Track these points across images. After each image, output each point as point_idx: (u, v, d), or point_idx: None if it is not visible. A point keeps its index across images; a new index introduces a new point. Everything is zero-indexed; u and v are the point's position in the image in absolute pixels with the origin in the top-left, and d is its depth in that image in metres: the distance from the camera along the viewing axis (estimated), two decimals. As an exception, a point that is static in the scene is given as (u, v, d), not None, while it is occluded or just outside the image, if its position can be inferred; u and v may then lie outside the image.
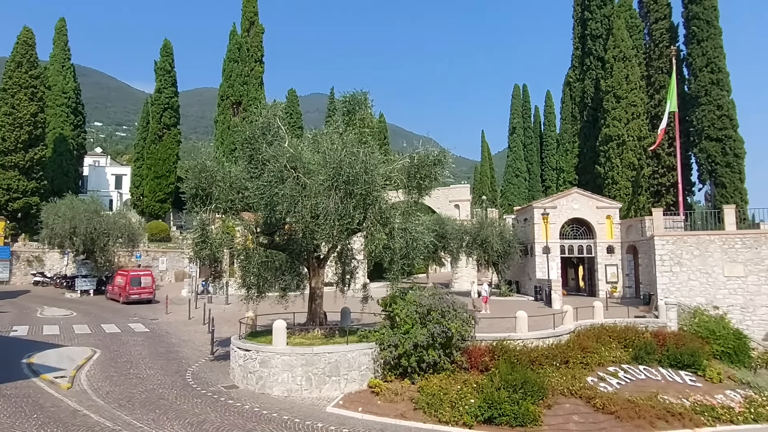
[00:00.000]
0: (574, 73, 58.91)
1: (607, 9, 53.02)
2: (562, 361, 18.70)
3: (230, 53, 61.12)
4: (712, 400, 17.69)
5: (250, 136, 17.82)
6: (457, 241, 35.50)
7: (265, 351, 16.91)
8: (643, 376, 19.14)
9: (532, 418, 14.92)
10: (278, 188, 15.60)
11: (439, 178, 18.34)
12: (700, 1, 42.95)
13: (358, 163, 15.21)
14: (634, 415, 15.84)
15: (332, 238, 16.10)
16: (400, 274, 17.35)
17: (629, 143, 45.30)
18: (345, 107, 19.69)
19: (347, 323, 20.73)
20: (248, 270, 19.06)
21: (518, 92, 79.15)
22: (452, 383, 16.28)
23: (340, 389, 16.65)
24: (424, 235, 16.84)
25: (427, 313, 16.96)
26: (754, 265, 28.20)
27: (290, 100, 69.60)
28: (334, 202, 15.13)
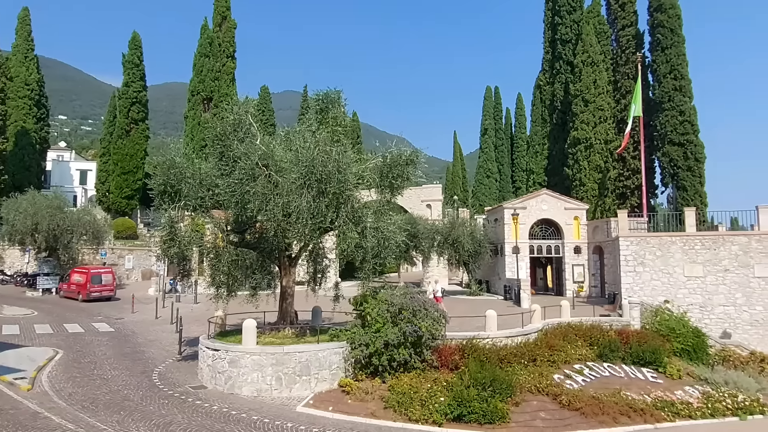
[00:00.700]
0: (545, 77, 60.00)
1: (577, 15, 54.22)
2: (530, 359, 19.06)
3: (201, 48, 60.07)
4: (672, 396, 18.30)
5: (221, 133, 17.58)
6: (428, 240, 35.73)
7: (234, 350, 16.71)
8: (607, 373, 19.66)
9: (500, 416, 15.16)
10: (249, 186, 15.43)
11: (411, 177, 18.43)
12: (665, 9, 44.30)
13: (330, 161, 15.18)
14: (598, 411, 16.26)
15: (304, 236, 16.04)
16: (372, 273, 17.40)
17: (596, 146, 46.42)
18: (318, 105, 19.61)
19: (318, 322, 20.66)
20: (218, 268, 18.80)
21: (490, 94, 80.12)
22: (423, 382, 16.40)
23: (311, 389, 16.59)
24: (395, 234, 16.92)
25: (399, 312, 17.05)
26: (712, 266, 29.29)
27: (263, 97, 68.79)
28: (306, 200, 15.07)
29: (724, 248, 29.30)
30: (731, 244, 29.28)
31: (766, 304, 28.15)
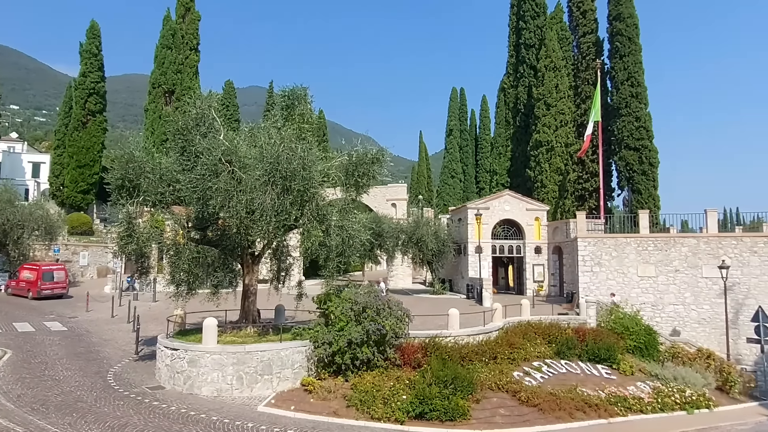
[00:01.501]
0: (509, 80, 61.11)
1: (540, 20, 55.44)
2: (491, 356, 19.42)
3: (163, 39, 58.46)
4: (625, 392, 19.00)
5: (182, 127, 17.21)
6: (393, 239, 35.89)
7: (194, 350, 16.39)
8: (564, 370, 20.23)
9: (461, 413, 15.40)
10: (212, 182, 15.17)
11: (376, 176, 18.47)
12: (623, 19, 45.82)
13: (296, 158, 15.07)
14: (555, 407, 16.73)
15: (268, 234, 15.87)
16: (336, 271, 17.36)
17: (557, 149, 47.64)
18: (284, 102, 19.37)
19: (281, 321, 20.48)
20: (178, 266, 18.39)
21: (456, 96, 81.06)
22: (385, 380, 16.49)
23: (273, 388, 16.43)
24: (360, 232, 16.94)
25: (362, 311, 17.08)
26: (664, 266, 30.54)
27: (227, 91, 67.55)
28: (270, 197, 14.91)
29: (674, 249, 30.58)
30: (681, 246, 30.58)
31: (713, 303, 29.51)
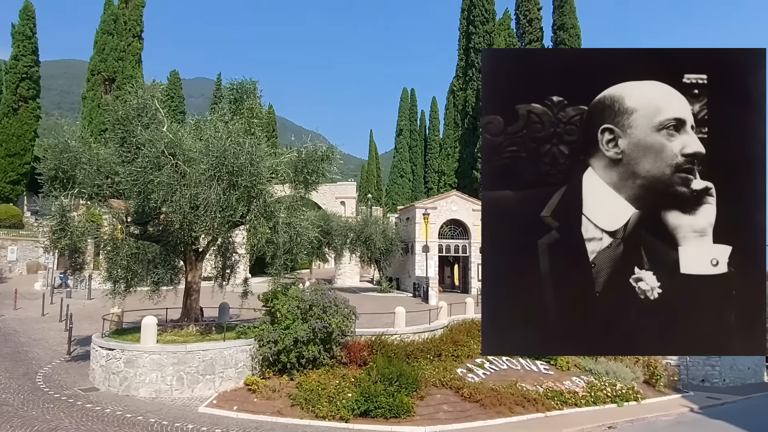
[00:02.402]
0: (458, 83, 62.32)
1: (489, 26, 56.87)
2: (436, 354, 19.78)
3: (104, 25, 55.70)
4: (561, 386, 19.84)
5: (123, 117, 16.54)
6: (341, 237, 35.84)
7: (131, 349, 15.77)
8: (505, 366, 20.89)
9: (405, 410, 15.61)
10: (154, 175, 14.66)
11: (326, 174, 18.44)
12: (567, 29, 47.78)
13: (243, 153, 14.80)
14: (496, 402, 17.26)
15: (212, 230, 15.51)
16: (283, 269, 17.21)
17: (504, 152, 49.05)
18: (232, 95, 19.02)
19: (225, 319, 20.04)
20: (115, 262, 17.62)
21: (406, 96, 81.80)
22: (331, 378, 16.48)
23: (215, 388, 16.06)
24: (308, 230, 16.85)
25: (309, 309, 16.99)
26: (601, 267, 32.06)
27: (172, 82, 65.17)
28: (215, 192, 14.57)
29: (610, 251, 32.15)
30: (616, 248, 32.19)
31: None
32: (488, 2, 57.17)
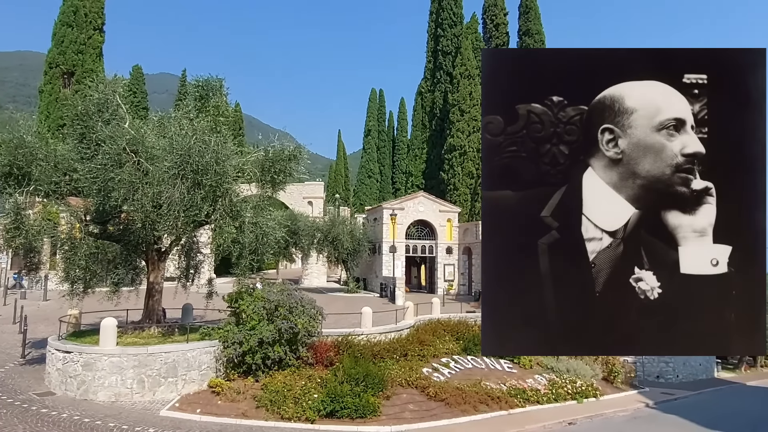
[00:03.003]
0: (426, 84, 62.79)
1: (457, 29, 57.53)
2: (402, 354, 19.91)
3: (63, 16, 53.71)
4: (524, 384, 20.27)
5: (83, 112, 16.06)
6: (308, 237, 35.59)
7: (90, 352, 15.29)
8: (470, 365, 21.19)
9: (371, 410, 15.66)
10: (114, 173, 14.28)
11: (293, 173, 18.32)
12: (532, 35, 48.86)
13: (209, 152, 14.57)
14: (461, 401, 17.50)
15: (176, 229, 15.20)
16: (249, 269, 17.00)
17: (470, 154, 49.72)
18: (198, 92, 18.70)
19: (189, 320, 19.65)
20: (73, 262, 17.04)
21: (375, 97, 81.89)
22: (297, 379, 16.38)
23: (178, 391, 15.74)
24: (275, 230, 16.71)
25: (275, 309, 16.84)
26: (563, 267, 32.89)
27: (135, 76, 63.38)
28: (179, 191, 14.29)
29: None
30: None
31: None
32: (456, 6, 57.84)
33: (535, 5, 50.87)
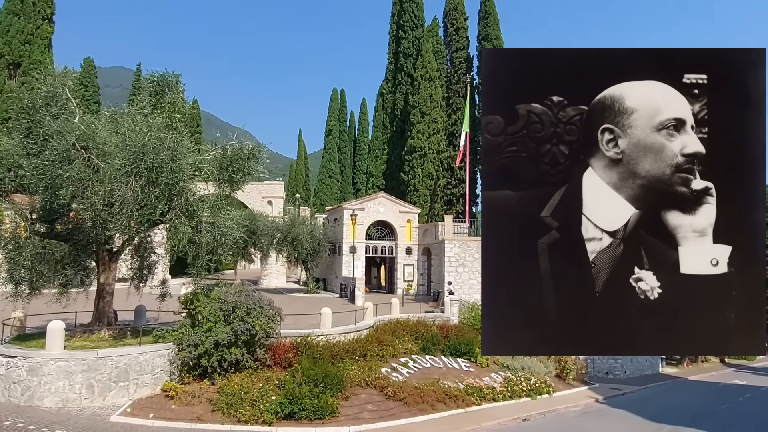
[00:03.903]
0: (387, 86, 63.07)
1: (418, 32, 58.04)
2: (362, 354, 19.96)
3: (10, 4, 51.05)
4: (481, 383, 20.69)
5: (29, 106, 15.37)
6: (268, 237, 35.12)
7: (35, 356, 14.64)
8: (428, 364, 21.46)
9: (330, 410, 15.64)
10: (63, 169, 13.75)
11: (252, 172, 18.09)
12: (491, 40, 49.88)
13: (164, 149, 14.22)
14: (419, 400, 17.70)
15: (129, 229, 14.78)
16: (206, 269, 16.67)
17: (430, 155, 50.26)
18: (153, 87, 18.21)
19: (142, 323, 19.07)
20: (18, 262, 16.26)
21: (336, 96, 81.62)
22: (254, 381, 16.18)
23: (129, 395, 15.28)
24: (233, 230, 16.46)
25: (232, 311, 16.56)
26: (519, 268, 33.70)
27: (86, 69, 60.89)
28: (133, 189, 13.89)
29: (527, 253, 33.88)
30: (533, 250, 33.97)
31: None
32: (417, 9, 58.35)
33: (494, 11, 51.92)
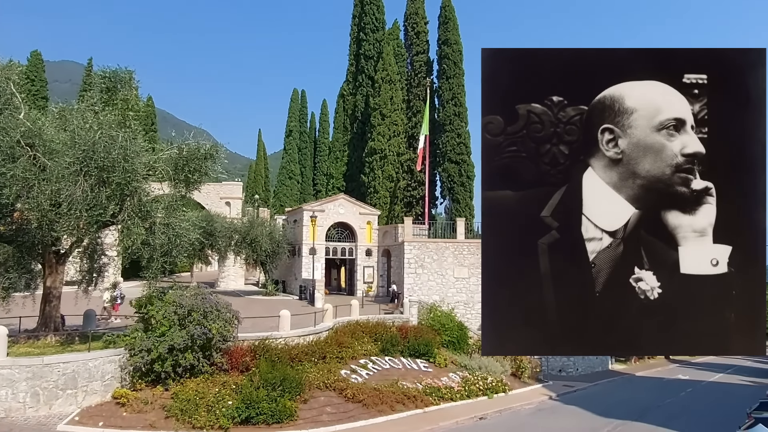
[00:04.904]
0: (348, 87, 63.04)
1: (379, 34, 58.33)
2: (321, 356, 19.87)
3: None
4: (439, 383, 20.97)
5: (-31, 101, 14.53)
6: (225, 239, 34.52)
7: (-26, 364, 13.86)
8: (388, 365, 21.57)
9: (288, 414, 15.51)
10: (7, 168, 13.17)
11: (210, 173, 17.78)
12: (450, 44, 50.72)
13: (116, 147, 13.80)
14: (378, 401, 17.79)
15: (77, 230, 14.24)
16: (160, 272, 16.24)
17: (390, 157, 50.56)
18: (105, 84, 17.62)
19: (91, 328, 18.35)
20: (-45, 265, 15.41)
21: (297, 97, 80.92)
22: (210, 386, 15.86)
23: (78, 403, 14.69)
24: (189, 231, 16.12)
25: (188, 314, 16.17)
26: (476, 269, 34.34)
27: (33, 63, 58.08)
28: (82, 189, 13.42)
29: (485, 254, 34.57)
30: (490, 251, 34.69)
31: (513, 301, 34.08)
32: (378, 12, 58.61)
33: (453, 17, 52.76)
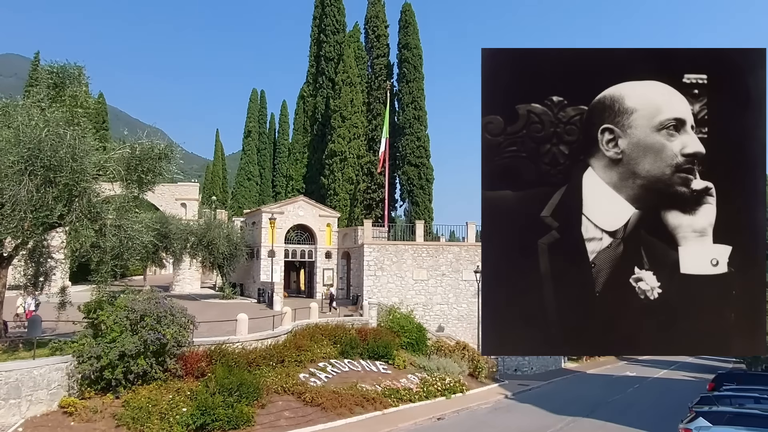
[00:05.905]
0: (308, 89, 62.62)
1: (340, 36, 58.24)
2: (279, 360, 19.65)
3: None
4: (398, 384, 21.11)
5: None
6: (181, 241, 33.64)
7: None
8: (347, 368, 21.55)
9: (245, 420, 15.27)
10: (-57, 166, 12.38)
11: (164, 173, 17.34)
12: (410, 48, 51.23)
13: (63, 146, 13.28)
14: (337, 404, 17.74)
15: (22, 232, 13.59)
16: (111, 276, 15.72)
17: (350, 160, 50.55)
18: (52, 79, 16.90)
19: (36, 334, 17.49)
20: None
21: (256, 97, 79.76)
22: (164, 393, 15.43)
23: (21, 414, 13.99)
24: (142, 233, 15.67)
25: (141, 319, 15.69)
26: (434, 270, 34.78)
27: (-31, 55, 54.93)
28: (27, 189, 12.85)
29: (443, 256, 35.07)
30: (448, 253, 35.23)
31: (469, 302, 34.60)
32: (339, 14, 58.52)
33: (413, 21, 53.27)
